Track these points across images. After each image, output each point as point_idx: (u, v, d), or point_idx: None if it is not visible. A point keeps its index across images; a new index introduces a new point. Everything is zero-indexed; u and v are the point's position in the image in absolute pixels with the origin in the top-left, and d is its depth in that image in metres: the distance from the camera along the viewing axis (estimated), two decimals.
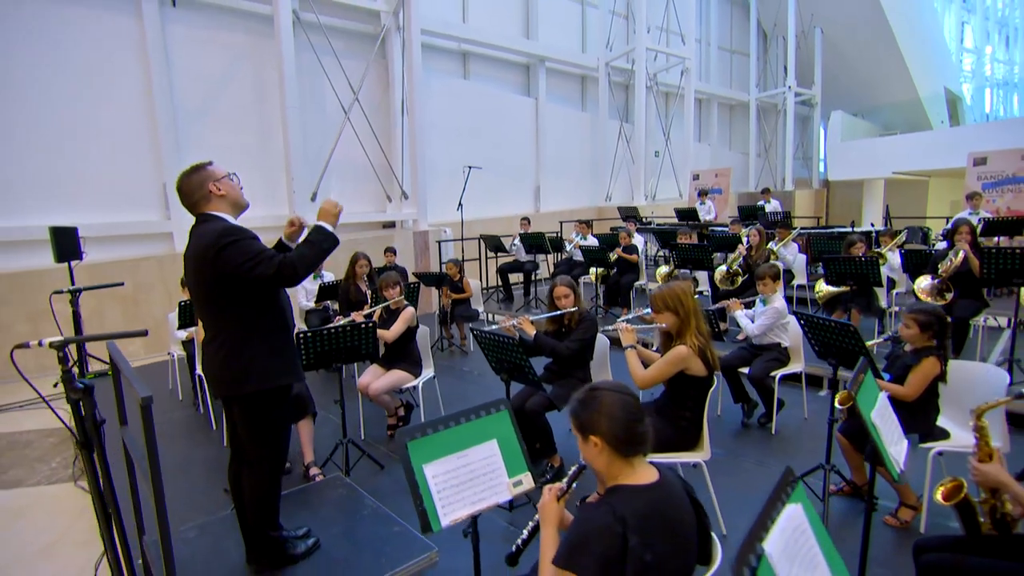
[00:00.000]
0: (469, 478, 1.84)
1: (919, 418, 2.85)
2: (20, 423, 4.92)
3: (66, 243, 5.47)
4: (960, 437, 2.91)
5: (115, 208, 7.18)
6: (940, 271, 4.80)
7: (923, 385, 2.80)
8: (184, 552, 2.51)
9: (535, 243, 7.59)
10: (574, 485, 1.53)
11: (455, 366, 6.00)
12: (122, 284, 5.42)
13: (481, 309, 6.61)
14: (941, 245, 6.15)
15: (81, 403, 1.39)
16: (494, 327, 3.20)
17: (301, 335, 3.19)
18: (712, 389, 2.71)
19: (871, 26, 15.53)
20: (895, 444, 2.02)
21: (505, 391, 2.99)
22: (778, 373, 3.94)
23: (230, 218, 2.22)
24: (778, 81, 17.70)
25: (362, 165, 9.10)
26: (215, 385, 2.18)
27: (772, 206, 9.78)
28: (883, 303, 5.45)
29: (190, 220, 5.77)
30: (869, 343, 3.14)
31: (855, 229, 7.38)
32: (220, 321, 2.14)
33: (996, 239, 6.70)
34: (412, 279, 6.63)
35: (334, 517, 2.72)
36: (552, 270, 8.65)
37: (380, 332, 3.96)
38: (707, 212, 10.57)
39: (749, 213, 9.12)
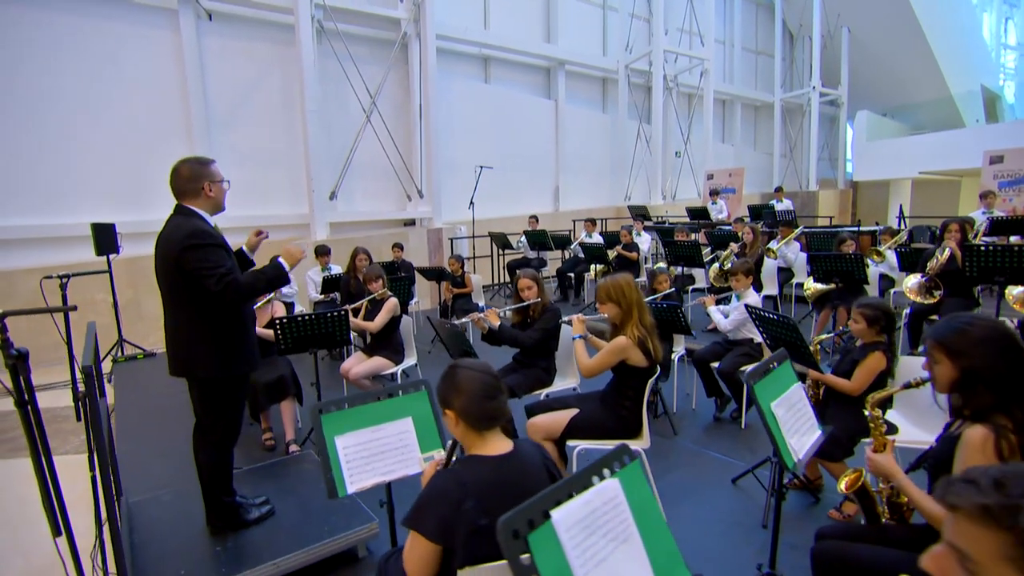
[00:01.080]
0: (380, 451, 2.00)
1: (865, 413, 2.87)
2: (61, 399, 5.32)
3: (105, 238, 5.90)
4: (910, 432, 2.92)
5: (152, 206, 7.63)
6: (928, 269, 4.73)
7: (868, 380, 2.82)
8: (156, 513, 2.75)
9: (538, 240, 7.72)
10: (453, 458, 1.64)
11: (450, 358, 6.17)
12: (107, 271, 5.72)
13: (482, 303, 6.76)
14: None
15: (16, 366, 1.60)
16: (464, 319, 3.36)
17: (278, 321, 3.41)
18: (652, 379, 2.79)
19: (899, 25, 15.07)
20: (803, 434, 2.08)
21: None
22: (748, 368, 3.96)
23: (207, 217, 2.41)
24: (804, 82, 17.34)
25: (383, 165, 9.41)
26: (169, 363, 2.37)
27: (783, 205, 9.64)
28: None
29: (224, 218, 6.21)
30: (822, 337, 3.19)
31: (860, 228, 7.25)
32: (177, 308, 2.33)
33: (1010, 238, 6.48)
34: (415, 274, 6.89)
35: (295, 488, 2.92)
36: (560, 266, 8.75)
37: (365, 324, 4.17)
38: (719, 211, 10.49)
39: (759, 212, 9.02)
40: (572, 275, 7.85)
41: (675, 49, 13.37)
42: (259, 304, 3.90)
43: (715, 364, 4.10)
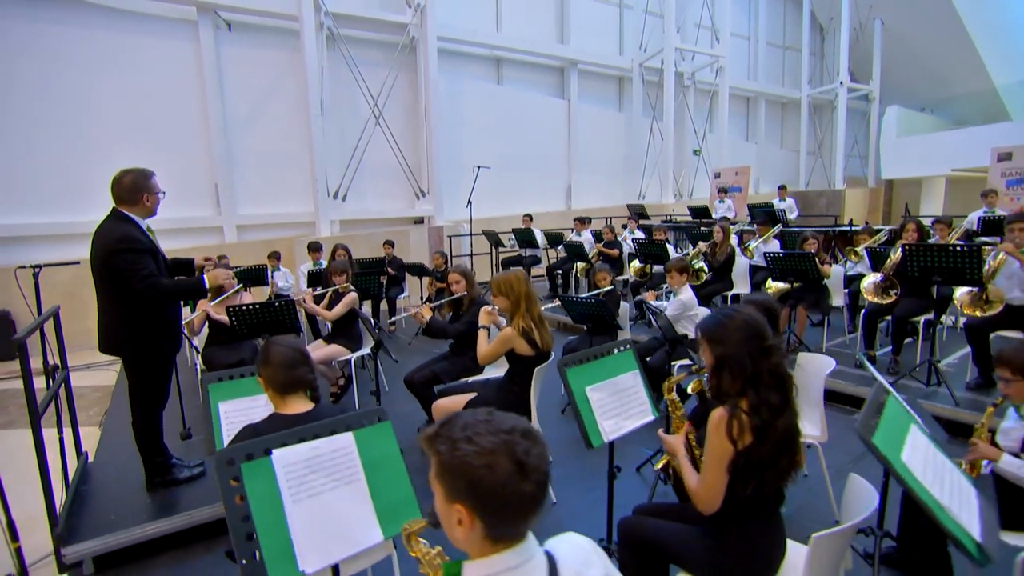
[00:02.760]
0: (260, 416, 2.33)
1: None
2: (81, 380, 5.98)
3: None
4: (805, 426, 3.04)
5: (174, 205, 8.29)
6: (883, 268, 4.75)
7: None
8: (110, 471, 3.22)
9: (525, 238, 7.98)
10: None
11: (431, 349, 6.51)
12: (78, 263, 6.24)
13: None
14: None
15: None
16: (404, 313, 3.67)
17: (232, 309, 3.82)
18: (540, 367, 3.02)
19: (936, 14, 14.40)
20: (625, 419, 2.29)
21: (374, 361, 3.46)
22: (676, 364, 4.12)
23: (140, 222, 2.81)
24: (835, 77, 16.81)
25: (393, 165, 9.85)
26: (100, 343, 2.77)
27: (786, 204, 9.52)
28: (839, 301, 5.40)
29: (240, 216, 6.80)
30: None
31: (854, 227, 7.15)
32: (107, 295, 2.73)
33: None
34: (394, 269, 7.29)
35: None
36: (551, 264, 8.95)
37: (322, 311, 4.57)
38: (727, 210, 10.44)
39: (758, 212, 8.94)
40: (560, 272, 8.07)
41: (687, 47, 13.30)
42: (227, 294, 4.32)
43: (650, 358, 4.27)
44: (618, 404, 2.25)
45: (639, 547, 1.94)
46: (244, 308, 3.80)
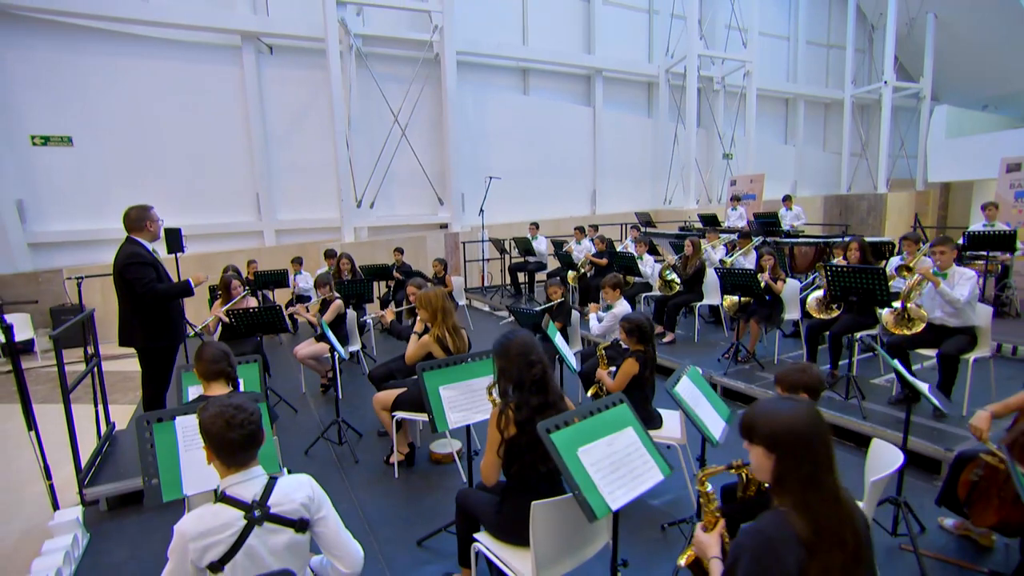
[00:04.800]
0: None
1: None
2: (133, 365, 7.16)
3: (173, 240, 7.68)
4: (670, 429, 3.53)
5: (220, 212, 9.54)
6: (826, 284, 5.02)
7: (623, 381, 3.48)
8: (130, 437, 4.13)
9: (524, 247, 8.57)
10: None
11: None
12: (109, 275, 7.38)
13: (462, 302, 7.78)
14: (895, 259, 6.04)
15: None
16: (372, 316, 4.42)
17: (231, 312, 4.69)
18: None
19: (994, 5, 13.63)
20: (473, 412, 2.88)
21: (333, 361, 4.21)
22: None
23: (147, 244, 3.70)
24: (882, 75, 16.20)
25: (419, 174, 10.72)
26: (119, 337, 3.67)
27: (792, 214, 9.55)
28: (793, 315, 5.67)
29: (279, 221, 9.04)
30: (604, 344, 3.86)
31: (846, 237, 7.26)
32: (123, 300, 3.60)
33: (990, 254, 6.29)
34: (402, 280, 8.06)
35: None
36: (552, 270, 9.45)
37: (313, 318, 5.39)
38: (739, 218, 10.57)
39: (766, 221, 9.08)
40: (558, 279, 8.58)
41: (710, 53, 13.34)
42: (235, 300, 5.20)
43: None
44: (468, 401, 2.85)
45: (463, 513, 2.55)
46: (241, 311, 4.66)
